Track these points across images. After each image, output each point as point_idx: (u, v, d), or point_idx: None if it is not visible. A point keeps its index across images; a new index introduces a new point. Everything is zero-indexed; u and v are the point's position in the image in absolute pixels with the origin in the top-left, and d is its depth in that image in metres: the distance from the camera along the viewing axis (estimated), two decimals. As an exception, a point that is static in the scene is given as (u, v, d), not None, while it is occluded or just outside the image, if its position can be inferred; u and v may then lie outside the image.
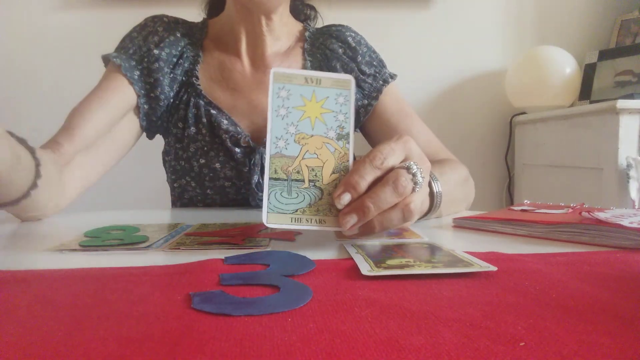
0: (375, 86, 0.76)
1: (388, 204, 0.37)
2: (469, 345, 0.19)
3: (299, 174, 0.39)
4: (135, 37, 0.72)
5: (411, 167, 0.38)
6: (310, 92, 0.40)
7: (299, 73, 0.40)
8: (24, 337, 0.20)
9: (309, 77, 0.40)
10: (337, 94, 0.40)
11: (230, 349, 0.19)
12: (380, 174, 0.38)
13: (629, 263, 0.34)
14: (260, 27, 0.72)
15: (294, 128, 0.39)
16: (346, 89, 0.40)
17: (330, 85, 0.40)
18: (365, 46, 0.78)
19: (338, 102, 0.40)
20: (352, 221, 0.37)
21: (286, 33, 0.77)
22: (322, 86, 0.40)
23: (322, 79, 0.40)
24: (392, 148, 0.39)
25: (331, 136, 0.40)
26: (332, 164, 0.39)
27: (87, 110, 0.65)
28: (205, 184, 0.72)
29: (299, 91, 0.40)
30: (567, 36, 1.70)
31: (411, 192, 0.38)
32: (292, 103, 0.39)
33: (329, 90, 0.40)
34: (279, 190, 0.38)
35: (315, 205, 0.38)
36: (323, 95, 0.40)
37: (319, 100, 0.40)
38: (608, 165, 1.24)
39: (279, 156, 0.39)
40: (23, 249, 0.41)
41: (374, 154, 0.38)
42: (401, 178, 0.37)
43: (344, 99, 0.40)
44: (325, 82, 0.40)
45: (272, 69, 0.40)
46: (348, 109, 0.40)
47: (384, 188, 0.37)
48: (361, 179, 0.37)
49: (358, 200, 0.37)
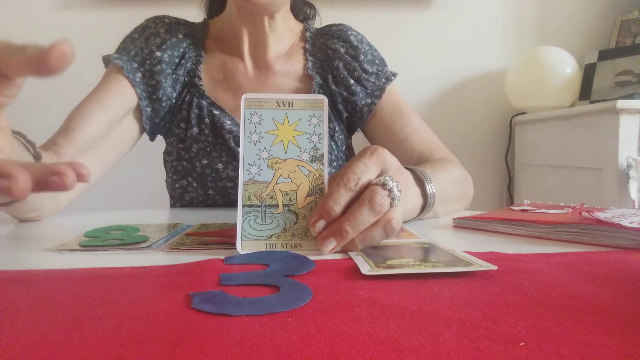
0: (378, 84, 0.75)
1: (366, 223, 0.36)
2: (469, 345, 0.19)
3: (272, 199, 0.38)
4: (136, 39, 0.72)
5: (387, 182, 0.37)
6: (283, 116, 0.39)
7: (270, 97, 0.40)
8: (24, 337, 0.20)
9: (280, 101, 0.39)
10: (311, 115, 0.40)
11: (230, 349, 0.19)
12: (355, 195, 0.37)
13: (629, 263, 0.34)
14: (263, 28, 0.72)
15: (267, 153, 0.39)
16: (319, 109, 0.40)
17: (303, 107, 0.40)
18: (367, 45, 0.78)
19: (312, 124, 0.40)
20: (331, 246, 0.36)
21: (288, 33, 0.77)
22: (295, 108, 0.40)
23: (294, 101, 0.40)
24: (365, 165, 0.38)
25: (305, 159, 0.39)
26: (307, 187, 0.39)
27: (87, 111, 0.65)
28: (207, 185, 0.72)
29: (271, 115, 0.39)
30: (567, 36, 1.69)
31: (390, 208, 0.37)
32: (264, 128, 0.39)
33: (301, 112, 0.40)
34: (252, 217, 0.38)
35: (291, 230, 0.38)
36: (296, 117, 0.39)
37: (292, 123, 0.39)
38: (608, 165, 1.24)
39: (252, 182, 0.38)
40: (23, 249, 0.41)
41: (347, 175, 0.37)
42: (377, 197, 0.36)
43: (318, 120, 0.40)
44: (297, 104, 0.40)
45: (244, 95, 0.40)
46: (322, 129, 0.40)
47: (361, 209, 0.36)
48: (335, 205, 0.36)
49: (335, 224, 0.36)
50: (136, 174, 1.49)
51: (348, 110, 0.76)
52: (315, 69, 0.76)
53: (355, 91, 0.74)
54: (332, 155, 0.74)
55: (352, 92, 0.74)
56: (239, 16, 0.72)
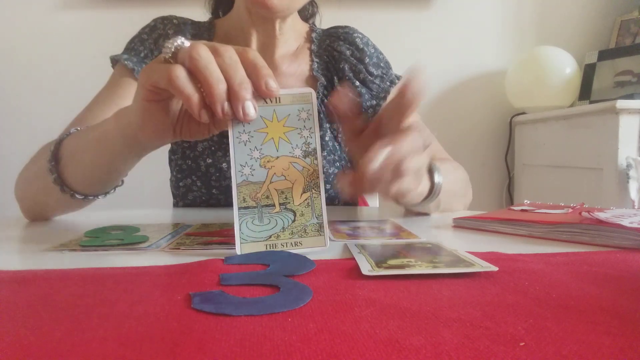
0: (382, 87, 0.76)
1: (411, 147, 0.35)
2: (469, 345, 0.19)
3: (268, 199, 0.38)
4: (145, 40, 0.72)
5: None
6: (271, 112, 0.39)
7: None
8: (24, 337, 0.20)
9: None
10: (299, 110, 0.39)
11: (230, 349, 0.19)
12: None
13: (629, 263, 0.34)
14: (274, 31, 0.72)
15: (258, 152, 0.38)
16: (308, 102, 0.39)
17: (291, 102, 0.39)
18: (373, 48, 0.79)
19: (301, 118, 0.39)
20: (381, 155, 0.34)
21: (294, 34, 0.77)
22: (283, 104, 0.39)
23: (282, 96, 0.39)
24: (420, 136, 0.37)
25: (297, 154, 0.38)
26: (302, 183, 0.38)
27: (102, 115, 0.63)
28: (211, 184, 0.72)
29: (259, 113, 0.38)
30: (567, 36, 1.70)
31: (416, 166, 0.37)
32: (253, 127, 0.38)
33: (290, 107, 0.39)
34: (250, 219, 0.37)
35: (290, 228, 0.38)
36: (284, 113, 0.39)
37: (281, 119, 0.39)
38: (608, 165, 1.24)
39: (245, 184, 0.38)
40: (23, 249, 0.41)
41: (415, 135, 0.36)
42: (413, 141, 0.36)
43: (307, 114, 0.39)
44: (285, 99, 0.39)
45: None
46: (312, 123, 0.39)
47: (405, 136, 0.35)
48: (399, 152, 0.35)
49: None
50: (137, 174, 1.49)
51: None
52: (321, 71, 0.76)
53: (361, 93, 0.75)
54: (335, 155, 0.74)
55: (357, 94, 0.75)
56: (249, 18, 0.71)
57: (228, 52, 0.37)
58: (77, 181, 0.52)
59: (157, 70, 0.38)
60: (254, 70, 0.37)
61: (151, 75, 0.38)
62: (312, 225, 0.38)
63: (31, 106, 1.61)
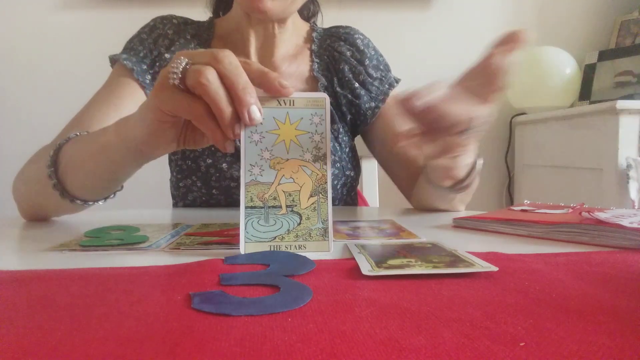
0: (382, 89, 0.76)
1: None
2: (469, 345, 0.19)
3: (275, 200, 0.38)
4: (145, 39, 0.72)
5: None
6: (284, 114, 0.39)
7: (270, 96, 0.39)
8: (24, 337, 0.20)
9: (281, 99, 0.39)
10: (312, 114, 0.39)
11: (230, 349, 0.19)
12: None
13: (629, 263, 0.34)
14: (273, 32, 0.72)
15: (269, 153, 0.38)
16: (321, 107, 0.39)
17: (305, 106, 0.39)
18: (373, 49, 0.79)
19: (313, 122, 0.39)
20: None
21: (295, 34, 0.77)
22: (296, 107, 0.39)
23: (295, 99, 0.39)
24: None
25: (307, 158, 0.39)
26: (310, 187, 0.38)
27: (100, 115, 0.64)
28: (211, 184, 0.72)
29: (272, 114, 0.38)
30: (567, 37, 1.70)
31: None
32: (265, 127, 0.38)
33: (303, 111, 0.39)
34: (255, 219, 0.37)
35: (294, 231, 0.38)
36: (297, 116, 0.39)
37: (293, 122, 0.39)
38: (608, 165, 1.24)
39: (254, 183, 0.38)
40: (23, 249, 0.41)
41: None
42: None
43: (320, 119, 0.39)
44: (299, 103, 0.39)
45: None
46: (324, 128, 0.39)
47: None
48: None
49: None
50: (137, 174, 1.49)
51: (352, 112, 0.76)
52: (321, 71, 0.75)
53: (360, 94, 0.74)
54: (335, 157, 0.74)
55: (356, 95, 0.74)
56: (248, 19, 0.71)
57: (228, 57, 0.37)
58: (77, 188, 0.52)
59: (174, 100, 0.38)
60: (262, 75, 0.37)
61: (167, 102, 0.38)
62: (317, 229, 0.38)
63: (31, 106, 1.61)
